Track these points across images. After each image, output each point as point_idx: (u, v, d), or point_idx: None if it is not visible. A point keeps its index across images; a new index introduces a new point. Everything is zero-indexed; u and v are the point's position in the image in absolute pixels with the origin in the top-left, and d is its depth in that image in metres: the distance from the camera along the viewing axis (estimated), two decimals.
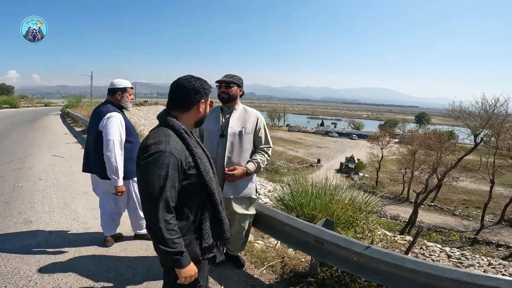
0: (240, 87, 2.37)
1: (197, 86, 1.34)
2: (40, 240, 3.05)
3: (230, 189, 2.33)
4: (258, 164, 2.33)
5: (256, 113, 2.42)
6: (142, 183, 1.23)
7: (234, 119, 2.34)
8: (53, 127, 14.01)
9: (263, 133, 2.40)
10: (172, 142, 1.24)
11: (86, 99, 33.89)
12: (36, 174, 5.49)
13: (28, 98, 48.00)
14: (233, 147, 2.31)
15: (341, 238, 2.10)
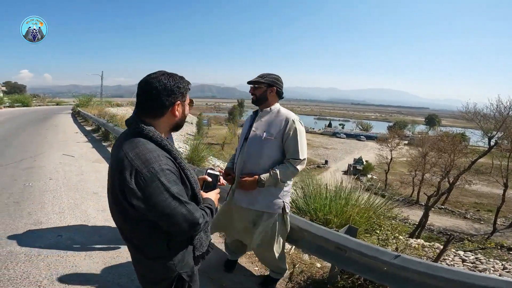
0: (271, 86, 2.08)
1: (169, 85, 1.12)
2: (50, 242, 3.00)
3: (243, 197, 2.13)
4: (275, 176, 1.99)
5: (287, 117, 2.04)
6: (155, 210, 1.06)
7: (259, 121, 2.11)
8: (64, 126, 14.13)
9: (292, 141, 2.01)
10: (162, 158, 1.08)
11: (96, 99, 34.22)
12: (47, 174, 5.48)
13: (40, 97, 48.76)
14: (251, 152, 2.08)
15: (367, 246, 1.99)
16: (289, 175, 2.03)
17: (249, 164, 2.08)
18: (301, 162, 2.03)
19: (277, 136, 2.02)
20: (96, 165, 6.41)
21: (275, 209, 2.10)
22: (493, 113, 15.01)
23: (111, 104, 32.38)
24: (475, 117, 15.83)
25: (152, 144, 1.10)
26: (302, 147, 2.03)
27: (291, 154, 2.02)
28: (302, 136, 2.04)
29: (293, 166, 2.00)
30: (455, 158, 17.23)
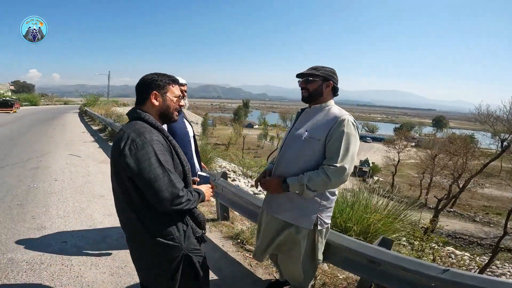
0: (327, 80, 1.75)
1: (148, 79, 1.37)
2: (54, 249, 2.85)
3: (271, 203, 1.88)
4: (300, 180, 1.65)
5: (337, 116, 1.69)
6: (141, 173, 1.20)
7: (304, 119, 1.82)
8: (71, 125, 14.13)
9: (334, 145, 1.64)
10: (154, 132, 1.28)
11: (103, 98, 34.41)
12: (52, 174, 5.37)
13: (48, 97, 49.27)
14: (288, 153, 1.80)
15: (408, 260, 1.80)
16: (318, 184, 1.63)
17: (283, 167, 1.79)
18: (337, 170, 1.61)
19: (321, 137, 1.68)
20: (102, 166, 6.28)
21: (303, 223, 1.75)
22: (506, 115, 14.60)
23: (117, 103, 32.51)
24: (488, 119, 15.43)
25: (147, 125, 1.31)
26: (346, 153, 1.63)
27: (328, 158, 1.66)
28: (351, 141, 1.65)
29: (326, 173, 1.61)
30: (467, 161, 16.83)
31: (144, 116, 1.33)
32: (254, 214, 2.87)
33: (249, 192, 3.30)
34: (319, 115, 1.77)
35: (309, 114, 1.82)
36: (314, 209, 1.75)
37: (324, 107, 1.78)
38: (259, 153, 44.12)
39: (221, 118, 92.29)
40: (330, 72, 1.78)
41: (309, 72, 1.77)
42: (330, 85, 1.77)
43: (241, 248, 3.02)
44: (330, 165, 1.63)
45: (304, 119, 1.83)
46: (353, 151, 1.66)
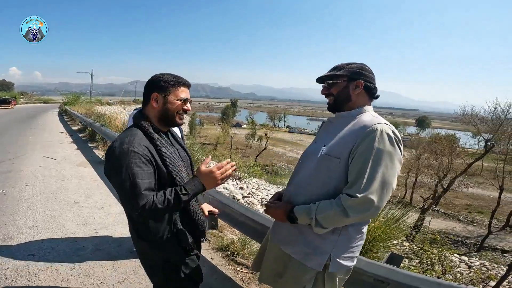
0: (353, 79, 1.31)
1: (152, 79, 1.32)
2: (21, 264, 2.51)
3: (278, 232, 1.46)
4: (309, 214, 1.24)
5: (366, 125, 1.23)
6: (116, 181, 1.18)
7: (326, 130, 1.41)
8: (49, 125, 13.48)
9: (357, 165, 1.19)
10: (137, 141, 1.21)
11: (86, 97, 33.33)
12: (24, 179, 4.93)
13: (27, 95, 47.50)
14: (299, 171, 1.41)
15: (422, 280, 1.59)
16: (331, 219, 1.21)
17: (293, 190, 1.39)
18: (359, 203, 1.15)
19: (342, 154, 1.23)
20: (79, 169, 5.85)
21: (311, 261, 1.31)
22: (490, 116, 14.96)
23: (101, 102, 31.53)
24: (472, 119, 15.77)
25: (140, 131, 1.26)
26: (373, 179, 1.15)
27: (348, 185, 1.21)
28: (384, 161, 1.17)
29: (342, 206, 1.17)
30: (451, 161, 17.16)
31: (139, 122, 1.29)
32: (244, 225, 2.62)
33: (239, 202, 3.04)
34: (343, 124, 1.32)
35: (333, 124, 1.38)
36: (328, 245, 1.29)
37: (354, 115, 1.32)
38: (247, 153, 43.87)
39: (209, 117, 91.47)
40: (357, 68, 1.34)
41: (329, 74, 1.38)
42: (360, 84, 1.32)
43: (232, 261, 2.75)
44: (349, 194, 1.17)
45: (326, 130, 1.39)
46: (387, 175, 1.17)
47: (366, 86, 1.33)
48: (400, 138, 1.21)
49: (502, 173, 16.47)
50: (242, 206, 2.65)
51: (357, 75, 1.33)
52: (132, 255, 2.73)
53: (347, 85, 1.33)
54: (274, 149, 47.74)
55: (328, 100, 1.39)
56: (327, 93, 1.38)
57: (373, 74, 1.35)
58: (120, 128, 10.13)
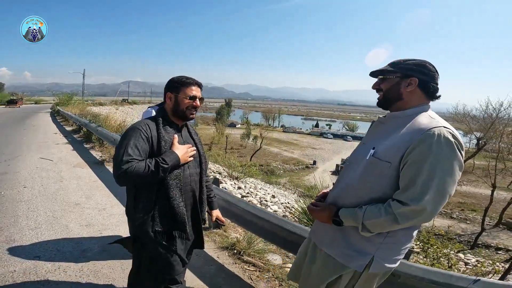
0: (407, 76, 1.24)
1: (169, 81, 1.57)
2: (27, 265, 2.48)
3: (318, 232, 1.44)
4: (356, 219, 1.20)
5: (422, 128, 1.15)
6: (116, 148, 1.45)
7: (375, 130, 1.36)
8: (42, 126, 13.28)
9: (411, 171, 1.12)
10: (143, 122, 1.52)
11: (78, 97, 32.91)
12: (21, 180, 4.86)
13: (18, 95, 46.73)
14: (346, 172, 1.36)
15: (434, 272, 1.64)
16: (380, 226, 1.17)
17: (340, 192, 1.35)
18: (411, 211, 1.11)
19: (393, 159, 1.16)
20: (77, 170, 5.79)
21: (352, 262, 1.27)
22: (482, 115, 15.24)
23: (93, 103, 31.16)
24: (464, 118, 16.05)
25: (150, 121, 1.54)
26: (428, 186, 1.09)
27: (400, 190, 1.15)
28: (441, 167, 1.09)
29: (393, 213, 1.12)
30: None
31: (156, 115, 1.58)
32: (250, 223, 2.64)
33: (243, 199, 3.05)
34: (396, 125, 1.23)
35: (384, 125, 1.31)
36: (372, 247, 1.25)
37: (407, 115, 1.23)
38: (243, 153, 43.86)
39: (203, 117, 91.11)
40: (414, 65, 1.24)
41: (382, 68, 1.31)
42: (414, 82, 1.23)
43: (239, 259, 2.77)
44: (400, 201, 1.12)
45: (377, 131, 1.32)
46: (444, 183, 1.09)
47: (421, 84, 1.23)
48: (462, 143, 1.13)
49: (494, 171, 16.79)
50: (249, 205, 2.67)
51: (412, 71, 1.24)
52: None
53: (399, 81, 1.26)
54: (269, 149, 47.84)
55: (378, 95, 1.33)
56: (377, 88, 1.33)
57: (435, 72, 1.25)
58: (116, 129, 10.04)
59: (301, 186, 25.94)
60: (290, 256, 3.04)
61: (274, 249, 3.07)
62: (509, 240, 18.08)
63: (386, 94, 1.30)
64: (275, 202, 7.72)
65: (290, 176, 33.75)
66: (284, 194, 13.82)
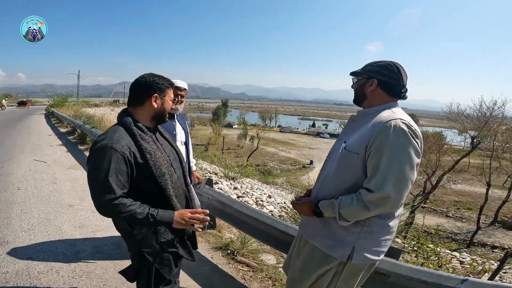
0: (371, 78, 1.37)
1: (149, 80, 1.37)
2: (20, 268, 2.47)
3: (305, 224, 1.53)
4: (331, 205, 1.31)
5: (381, 120, 1.27)
6: (88, 176, 1.26)
7: (347, 127, 1.49)
8: (37, 128, 13.18)
9: (374, 159, 1.23)
10: (117, 138, 1.27)
11: (73, 99, 32.70)
12: (15, 182, 4.83)
13: (12, 97, 46.37)
14: (326, 169, 1.46)
15: (423, 272, 1.66)
16: (353, 214, 1.26)
17: (319, 186, 1.46)
18: (376, 198, 1.19)
19: (360, 150, 1.28)
20: (71, 172, 5.76)
21: (335, 252, 1.34)
22: (476, 114, 15.37)
23: (88, 104, 30.98)
24: (459, 117, 16.17)
25: (122, 128, 1.32)
26: (388, 173, 1.18)
27: (367, 179, 1.25)
28: (398, 154, 1.20)
29: (362, 201, 1.22)
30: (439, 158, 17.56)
31: (122, 120, 1.35)
32: (243, 223, 2.65)
33: (237, 200, 3.06)
34: (362, 121, 1.37)
35: (356, 121, 1.44)
36: (351, 237, 1.32)
37: (372, 112, 1.36)
38: (240, 153, 43.83)
39: (199, 118, 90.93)
40: (377, 67, 1.36)
41: (355, 70, 1.45)
42: (374, 83, 1.36)
43: (232, 259, 2.77)
44: (368, 189, 1.22)
45: (350, 127, 1.45)
46: (403, 170, 1.19)
47: (381, 85, 1.35)
48: (417, 132, 1.23)
49: (489, 169, 16.93)
50: (243, 205, 2.68)
51: (374, 73, 1.37)
52: None
53: (364, 82, 1.40)
54: (266, 149, 47.84)
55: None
56: (353, 87, 1.47)
57: (398, 73, 1.34)
58: None
59: (298, 185, 25.96)
60: (284, 256, 3.06)
61: (268, 249, 3.08)
62: (504, 238, 18.24)
63: (355, 93, 1.46)
64: (271, 202, 7.72)
65: (287, 176, 33.79)
66: (281, 194, 13.84)
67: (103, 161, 1.22)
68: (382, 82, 1.35)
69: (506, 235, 18.61)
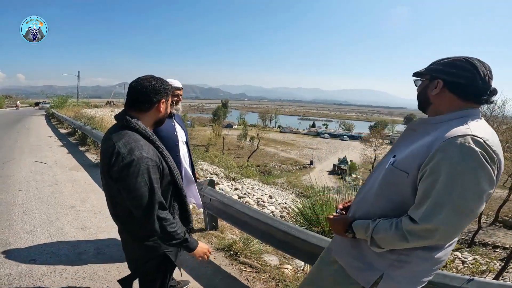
0: (435, 78, 1.09)
1: (157, 86, 1.33)
2: (23, 269, 2.47)
3: (336, 240, 1.38)
4: (366, 230, 1.11)
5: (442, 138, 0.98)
6: (129, 193, 1.21)
7: (401, 138, 1.22)
8: (37, 129, 13.15)
9: (425, 184, 0.98)
10: (144, 146, 1.25)
11: (73, 99, 32.73)
12: (16, 184, 4.82)
13: (12, 98, 46.40)
14: (368, 181, 1.27)
15: None
16: (388, 241, 1.05)
17: (358, 201, 1.27)
18: (420, 230, 0.98)
19: (411, 169, 1.03)
20: (72, 173, 5.75)
21: (360, 276, 1.19)
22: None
23: (88, 105, 30.97)
24: None
25: (138, 134, 1.28)
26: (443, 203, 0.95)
27: (414, 205, 1.02)
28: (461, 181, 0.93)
29: (400, 228, 1.01)
30: None
31: (137, 126, 1.28)
32: (245, 224, 2.65)
33: (239, 201, 3.06)
34: (425, 133, 1.09)
35: (415, 132, 1.16)
36: (382, 263, 1.13)
37: (438, 121, 1.08)
38: (240, 154, 43.84)
39: (199, 118, 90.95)
40: (441, 65, 1.09)
41: (418, 71, 1.18)
42: (439, 84, 1.08)
43: (235, 260, 2.77)
44: (412, 218, 1.00)
45: (406, 138, 1.18)
46: (463, 201, 0.94)
47: (449, 86, 1.07)
48: (495, 154, 0.95)
49: None
50: (245, 206, 2.67)
51: (437, 72, 1.09)
52: None
53: (428, 84, 1.13)
54: (266, 149, 47.86)
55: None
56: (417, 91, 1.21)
57: (472, 70, 1.03)
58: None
59: (298, 186, 25.99)
60: (286, 257, 3.05)
61: (271, 250, 3.08)
62: (505, 237, 18.25)
63: (418, 98, 1.18)
64: (272, 203, 7.71)
65: (288, 176, 33.80)
66: (281, 195, 13.82)
67: (144, 173, 1.19)
68: (449, 83, 1.06)
69: (507, 234, 18.61)
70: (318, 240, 2.06)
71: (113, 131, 1.31)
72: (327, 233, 3.18)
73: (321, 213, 3.46)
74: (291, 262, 2.98)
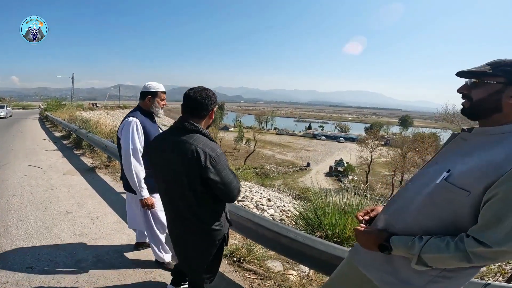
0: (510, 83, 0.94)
1: (211, 96, 1.56)
2: (20, 278, 2.37)
3: (362, 254, 1.21)
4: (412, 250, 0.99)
5: None
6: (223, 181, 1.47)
7: (454, 148, 1.06)
8: (31, 132, 12.95)
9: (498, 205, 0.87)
10: (216, 146, 1.52)
11: (67, 102, 32.37)
12: (10, 189, 4.69)
13: (5, 100, 45.81)
14: (407, 191, 1.11)
15: None
16: (444, 261, 0.95)
17: (393, 213, 1.12)
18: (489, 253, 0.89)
19: (475, 187, 0.91)
20: (67, 178, 5.63)
21: None
22: None
23: (82, 107, 30.68)
24: (454, 118, 16.34)
25: (205, 137, 1.51)
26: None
27: (479, 226, 0.91)
28: None
29: (465, 250, 0.90)
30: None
31: (203, 130, 1.52)
32: (249, 230, 2.58)
33: (241, 206, 3.00)
34: (487, 145, 0.96)
35: (467, 142, 1.02)
36: (421, 279, 1.04)
37: (505, 132, 0.94)
38: (237, 156, 43.72)
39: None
40: None
41: (476, 69, 1.00)
42: None
43: (239, 267, 2.69)
44: (478, 240, 0.89)
45: (456, 148, 1.05)
46: None
47: None
48: None
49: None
50: (249, 212, 2.61)
51: None
52: (136, 265, 2.63)
53: (501, 89, 0.95)
54: (263, 151, 47.83)
55: (462, 102, 1.05)
56: (465, 93, 1.04)
57: None
58: (107, 134, 9.81)
59: (295, 188, 25.98)
60: (290, 262, 2.99)
61: (274, 256, 3.02)
62: None
63: (477, 104, 1.00)
64: (271, 206, 7.65)
65: (284, 178, 33.77)
66: (279, 197, 13.79)
67: (226, 163, 1.50)
68: None
69: None
70: (325, 247, 2.00)
71: (178, 135, 1.49)
72: (330, 238, 3.13)
73: (323, 217, 3.41)
74: (295, 268, 2.91)
